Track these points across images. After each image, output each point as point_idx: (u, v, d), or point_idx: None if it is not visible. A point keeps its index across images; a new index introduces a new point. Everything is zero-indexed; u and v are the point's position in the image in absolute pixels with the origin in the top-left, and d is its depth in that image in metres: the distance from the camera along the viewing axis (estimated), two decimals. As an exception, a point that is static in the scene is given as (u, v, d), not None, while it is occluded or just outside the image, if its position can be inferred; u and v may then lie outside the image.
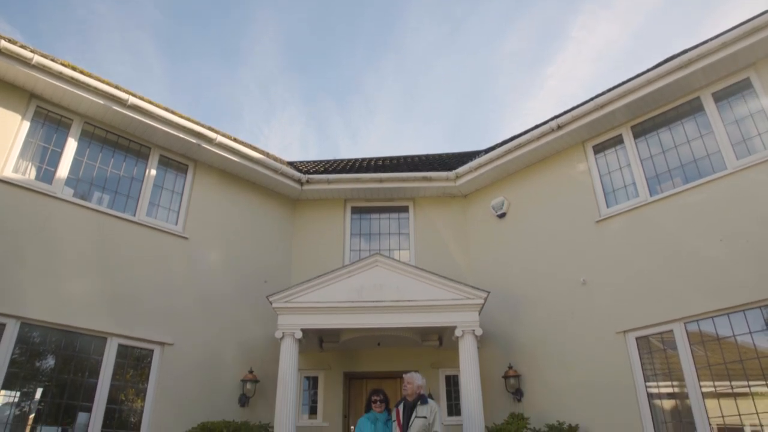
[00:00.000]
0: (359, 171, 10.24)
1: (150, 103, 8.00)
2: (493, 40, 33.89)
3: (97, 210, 7.60)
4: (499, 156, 9.21)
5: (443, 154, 12.29)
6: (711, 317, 6.63)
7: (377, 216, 10.35)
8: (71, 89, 7.34)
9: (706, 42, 7.05)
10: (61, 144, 7.58)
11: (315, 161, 12.12)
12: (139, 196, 8.18)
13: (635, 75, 7.76)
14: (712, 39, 6.99)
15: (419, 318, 7.68)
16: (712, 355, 6.57)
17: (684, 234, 7.07)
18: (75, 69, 7.33)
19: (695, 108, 7.54)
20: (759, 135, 6.82)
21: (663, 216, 7.36)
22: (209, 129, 8.64)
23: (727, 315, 6.51)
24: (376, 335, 8.16)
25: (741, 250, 6.49)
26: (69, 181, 7.50)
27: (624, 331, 7.30)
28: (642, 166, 7.88)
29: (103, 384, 7.01)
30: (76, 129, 7.75)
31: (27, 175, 7.14)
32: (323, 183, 9.92)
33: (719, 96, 7.32)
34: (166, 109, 8.17)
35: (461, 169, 9.69)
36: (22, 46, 6.91)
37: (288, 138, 40.00)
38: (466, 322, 7.57)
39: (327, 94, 39.47)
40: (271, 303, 7.70)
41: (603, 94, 8.01)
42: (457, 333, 7.51)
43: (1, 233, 6.65)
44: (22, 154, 7.17)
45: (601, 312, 7.59)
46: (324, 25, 33.28)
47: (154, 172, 8.43)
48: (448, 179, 9.86)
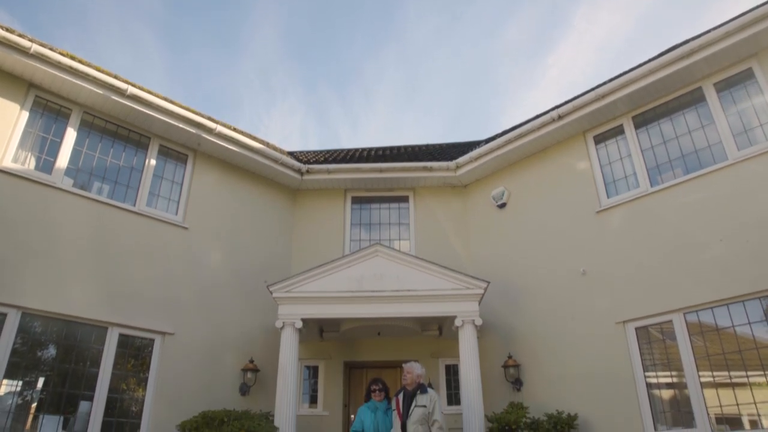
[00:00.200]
0: (359, 161, 10.22)
1: (149, 93, 7.97)
2: (494, 29, 33.72)
3: (97, 200, 7.60)
4: (500, 146, 9.19)
5: (443, 144, 12.26)
6: (710, 308, 6.65)
7: (377, 206, 10.34)
8: (70, 79, 7.31)
9: (708, 32, 7.01)
10: (61, 134, 7.55)
11: (315, 151, 12.09)
12: (139, 186, 8.16)
13: (637, 65, 7.72)
14: (714, 28, 6.95)
15: (419, 308, 7.70)
16: (711, 346, 6.59)
17: (684, 225, 7.06)
18: (74, 58, 7.30)
19: (697, 98, 7.51)
20: (761, 126, 6.80)
21: (663, 207, 7.35)
22: (209, 119, 8.61)
23: (727, 306, 6.53)
24: (376, 325, 8.18)
25: (741, 240, 6.49)
26: (69, 171, 7.49)
27: (623, 322, 7.32)
28: (643, 156, 7.86)
29: (105, 373, 7.04)
30: (75, 119, 7.72)
31: (26, 165, 7.13)
32: (323, 173, 9.91)
33: (721, 86, 7.29)
34: (165, 99, 8.14)
35: (461, 159, 9.67)
36: (20, 35, 6.86)
37: (288, 128, 39.94)
38: (466, 311, 7.58)
39: (327, 83, 39.34)
40: (272, 293, 7.72)
41: (604, 84, 7.97)
42: (457, 323, 7.53)
43: (1, 223, 6.64)
44: (21, 144, 7.15)
45: (601, 302, 7.61)
46: (324, 14, 33.11)
47: (153, 162, 8.41)
48: (448, 169, 9.84)
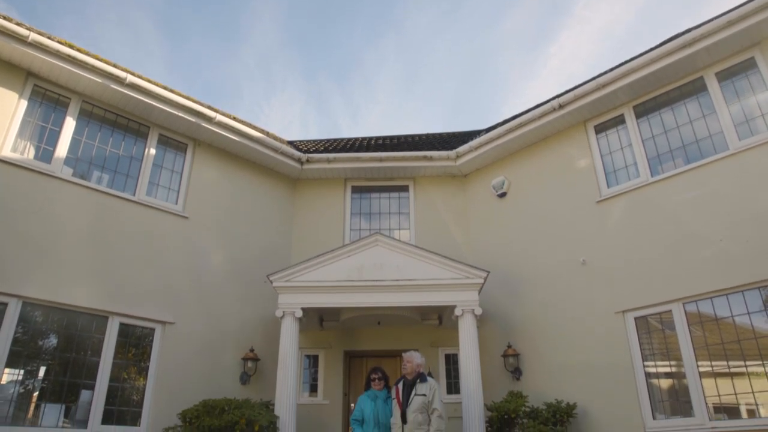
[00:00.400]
0: (359, 150, 10.20)
1: (148, 82, 7.93)
2: (495, 18, 33.51)
3: (97, 189, 7.58)
4: (500, 135, 9.16)
5: (444, 133, 12.23)
6: (710, 298, 6.66)
7: (377, 195, 10.33)
8: (68, 67, 7.27)
9: (711, 20, 6.96)
10: (60, 123, 7.52)
11: (315, 140, 12.07)
12: (139, 175, 8.15)
13: (638, 54, 7.68)
14: (716, 18, 6.91)
15: (419, 297, 7.71)
16: (710, 336, 6.62)
17: (684, 214, 7.06)
18: (72, 47, 7.25)
19: (698, 88, 7.47)
20: (762, 116, 6.77)
21: (664, 196, 7.35)
22: (208, 108, 8.57)
23: (726, 296, 6.54)
24: (376, 314, 8.20)
25: (741, 230, 6.50)
26: (68, 161, 7.47)
27: (623, 311, 7.34)
28: (643, 146, 7.84)
29: (105, 362, 7.07)
30: (74, 108, 7.69)
31: (26, 155, 7.11)
32: (323, 162, 9.88)
33: (723, 76, 7.25)
34: (164, 88, 8.10)
35: (462, 149, 9.64)
36: (18, 23, 6.81)
37: (288, 117, 39.82)
38: (465, 301, 7.60)
39: (327, 73, 39.16)
40: (272, 282, 7.73)
41: (605, 73, 7.94)
42: (457, 312, 7.55)
43: (1, 213, 6.64)
44: (20, 133, 7.12)
45: (601, 292, 7.63)
46: (324, 3, 32.88)
47: (153, 151, 8.39)
48: (448, 158, 9.82)
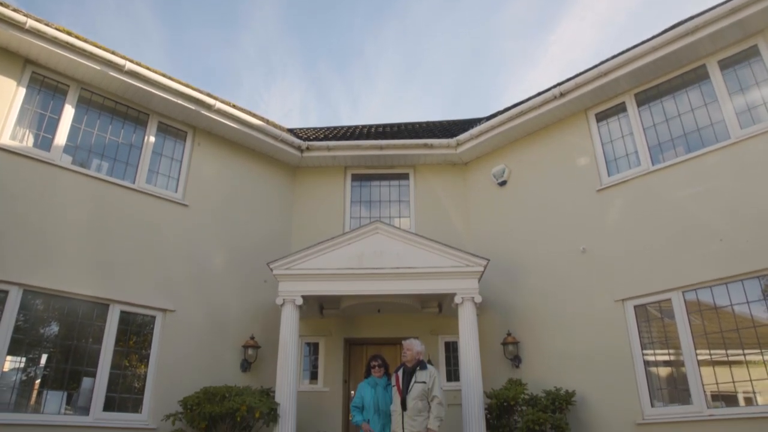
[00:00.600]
0: (360, 138, 10.17)
1: (147, 69, 7.88)
2: (496, 5, 33.26)
3: (97, 177, 7.57)
4: (501, 123, 9.12)
5: (444, 121, 12.18)
6: (709, 287, 6.68)
7: (377, 183, 10.31)
8: (67, 54, 7.22)
9: (714, 8, 6.89)
10: (58, 111, 7.48)
11: (315, 128, 12.02)
12: (138, 163, 8.12)
13: (640, 42, 7.61)
14: (720, 5, 6.84)
15: (419, 285, 7.73)
16: (708, 324, 6.64)
17: (685, 203, 7.05)
18: (70, 34, 7.20)
19: (700, 76, 7.43)
20: (764, 104, 6.74)
21: (664, 185, 7.33)
22: (208, 95, 8.53)
23: (726, 284, 6.56)
24: (376, 302, 8.22)
25: (742, 219, 6.50)
26: (67, 149, 7.44)
27: (622, 300, 7.36)
28: (645, 134, 7.81)
29: (107, 350, 7.10)
30: (72, 95, 7.64)
31: (25, 143, 7.08)
32: (323, 150, 9.85)
33: (725, 64, 7.20)
34: (163, 75, 8.05)
35: (462, 137, 9.61)
36: (14, 9, 6.75)
37: (288, 105, 39.64)
38: (465, 289, 7.62)
39: (327, 60, 38.93)
40: (272, 270, 7.74)
41: (607, 61, 7.88)
42: (457, 300, 7.57)
43: (1, 201, 6.64)
44: (19, 121, 7.09)
45: (600, 280, 7.64)
46: (323, -13, 32.59)
47: (153, 139, 8.36)
48: (449, 146, 9.79)
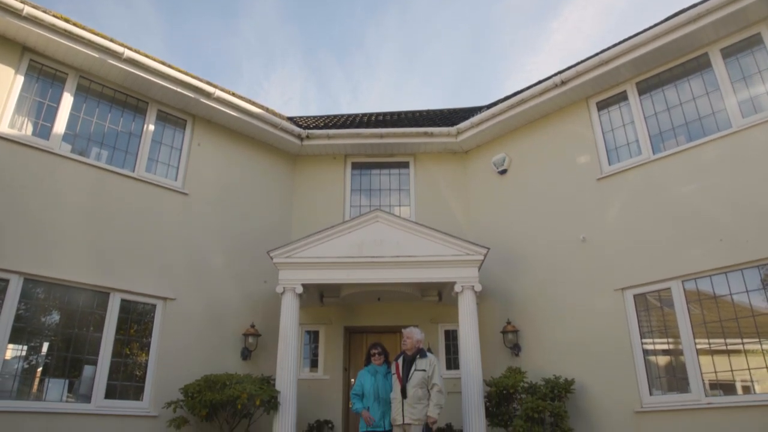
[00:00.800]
0: (360, 126, 10.13)
1: (146, 57, 7.83)
2: (497, -11, 32.96)
3: (96, 166, 7.55)
4: (501, 111, 9.08)
5: (444, 109, 12.13)
6: (709, 276, 6.69)
7: (378, 172, 10.29)
8: (65, 42, 7.17)
9: (717, -5, 6.84)
10: (57, 99, 7.45)
11: (315, 116, 11.97)
12: (138, 151, 8.10)
13: (642, 29, 7.55)
14: (724, -9, 6.78)
15: (419, 273, 7.74)
16: (708, 313, 6.66)
17: (685, 192, 7.04)
18: (68, 21, 7.14)
19: (702, 64, 7.38)
20: (767, 93, 6.70)
21: (665, 174, 7.32)
22: (207, 83, 8.49)
23: (725, 274, 6.57)
24: (376, 290, 8.23)
25: (742, 209, 6.49)
26: (66, 137, 7.41)
27: (622, 289, 7.37)
28: (646, 123, 7.78)
29: (107, 338, 7.13)
30: (71, 83, 7.60)
31: (23, 131, 7.06)
32: (323, 138, 9.82)
33: (728, 52, 7.15)
34: (162, 63, 8.01)
35: (462, 125, 9.57)
36: (11, -5, 6.70)
37: (288, 94, 39.45)
38: (465, 277, 7.63)
39: (327, 48, 38.70)
40: (272, 258, 7.74)
41: (608, 49, 7.82)
42: (457, 288, 7.58)
43: (0, 190, 6.63)
44: (17, 109, 7.06)
45: (600, 269, 7.65)
46: (323, -27, 32.30)
47: (152, 127, 8.33)
48: (449, 135, 9.76)
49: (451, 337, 8.95)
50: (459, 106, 12.87)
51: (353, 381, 7.56)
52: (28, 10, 6.77)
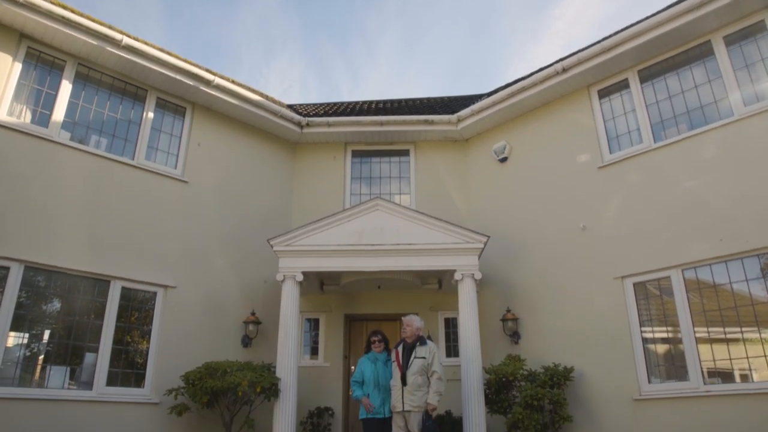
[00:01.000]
0: (360, 114, 10.09)
1: (145, 44, 7.78)
2: (498, -25, 32.64)
3: (95, 154, 7.54)
4: (502, 99, 9.04)
5: (445, 97, 12.06)
6: (708, 264, 6.70)
7: (378, 160, 10.27)
8: (62, 29, 7.11)
9: (721, -19, 6.77)
10: (56, 86, 7.41)
11: (315, 104, 11.91)
12: (137, 139, 8.07)
13: (645, 17, 7.49)
14: (727, -22, 6.72)
15: (419, 261, 7.75)
16: (707, 302, 6.67)
17: (686, 181, 7.03)
18: (65, 8, 7.08)
19: (705, 52, 7.33)
20: (769, 81, 6.67)
21: (666, 163, 7.30)
22: (206, 71, 8.43)
23: (725, 262, 6.57)
24: (376, 278, 8.25)
25: (743, 198, 6.48)
26: (65, 125, 7.39)
27: (622, 277, 7.38)
28: (647, 111, 7.74)
29: (108, 326, 7.16)
30: (69, 71, 7.56)
31: (22, 119, 7.03)
32: (323, 126, 9.79)
33: (731, 40, 7.10)
34: (161, 50, 7.95)
35: (463, 113, 9.53)
36: (8, -18, 6.64)
37: (287, 82, 39.19)
38: (465, 265, 7.64)
39: (327, 36, 38.40)
40: (272, 246, 7.75)
41: (610, 36, 7.77)
42: (457, 276, 7.60)
43: (0, 178, 6.62)
44: (15, 96, 7.03)
45: (600, 257, 7.65)
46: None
47: (151, 115, 8.29)
48: (449, 123, 9.72)
49: (451, 325, 8.98)
50: (459, 94, 12.81)
51: (353, 368, 7.59)
52: (25, -4, 6.72)
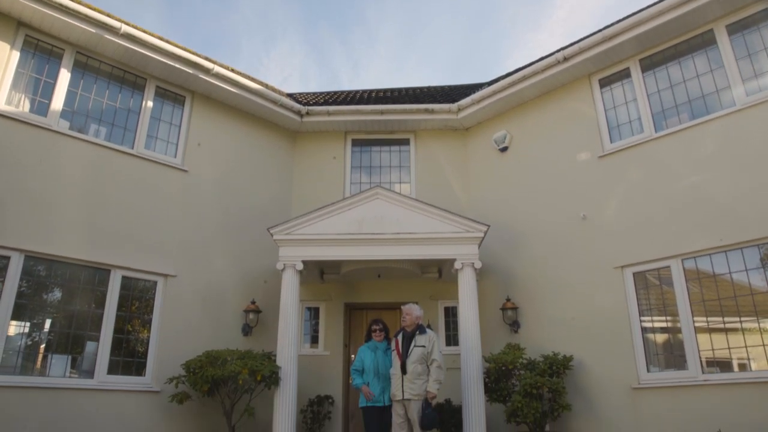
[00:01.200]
0: (360, 103, 10.03)
1: (144, 32, 7.72)
2: (500, -39, 32.37)
3: (95, 142, 7.51)
4: (503, 88, 9.00)
5: (445, 86, 12.01)
6: (708, 254, 6.70)
7: (378, 149, 10.24)
8: (60, 17, 7.06)
9: (724, -31, 6.72)
10: (54, 75, 7.37)
11: (315, 93, 11.86)
12: (137, 128, 8.04)
13: (647, 5, 7.43)
14: (730, -34, 6.66)
15: (419, 250, 7.75)
16: (706, 292, 6.69)
17: (687, 171, 7.01)
18: (63, -5, 7.03)
19: (707, 41, 7.28)
20: (771, 70, 6.63)
21: (667, 152, 7.28)
22: (206, 59, 8.38)
23: (725, 252, 6.57)
24: (376, 267, 8.26)
25: (743, 188, 6.47)
26: (64, 114, 7.36)
27: (621, 267, 7.39)
28: (648, 101, 7.71)
29: (109, 315, 7.17)
30: (68, 59, 7.51)
31: (20, 108, 7.00)
32: (323, 115, 9.75)
33: (733, 28, 7.04)
34: (160, 38, 7.90)
35: (463, 102, 9.49)
36: (6, -31, 6.59)
37: (287, 70, 39.03)
38: (465, 254, 7.65)
39: (328, 24, 38.15)
40: (272, 235, 7.75)
41: (612, 25, 7.71)
42: (457, 265, 7.60)
43: (0, 167, 6.61)
44: (14, 85, 6.99)
45: (600, 247, 7.66)
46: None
47: (150, 103, 8.26)
48: (450, 112, 9.68)
49: (451, 314, 9.00)
50: (460, 82, 12.76)
51: (353, 357, 7.63)
52: (22, -17, 6.66)
